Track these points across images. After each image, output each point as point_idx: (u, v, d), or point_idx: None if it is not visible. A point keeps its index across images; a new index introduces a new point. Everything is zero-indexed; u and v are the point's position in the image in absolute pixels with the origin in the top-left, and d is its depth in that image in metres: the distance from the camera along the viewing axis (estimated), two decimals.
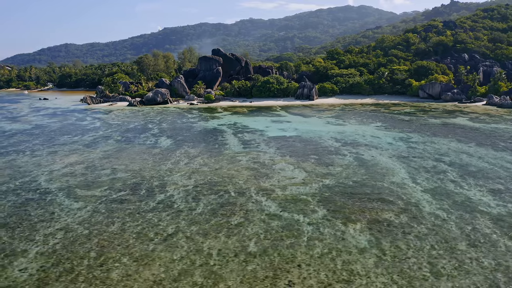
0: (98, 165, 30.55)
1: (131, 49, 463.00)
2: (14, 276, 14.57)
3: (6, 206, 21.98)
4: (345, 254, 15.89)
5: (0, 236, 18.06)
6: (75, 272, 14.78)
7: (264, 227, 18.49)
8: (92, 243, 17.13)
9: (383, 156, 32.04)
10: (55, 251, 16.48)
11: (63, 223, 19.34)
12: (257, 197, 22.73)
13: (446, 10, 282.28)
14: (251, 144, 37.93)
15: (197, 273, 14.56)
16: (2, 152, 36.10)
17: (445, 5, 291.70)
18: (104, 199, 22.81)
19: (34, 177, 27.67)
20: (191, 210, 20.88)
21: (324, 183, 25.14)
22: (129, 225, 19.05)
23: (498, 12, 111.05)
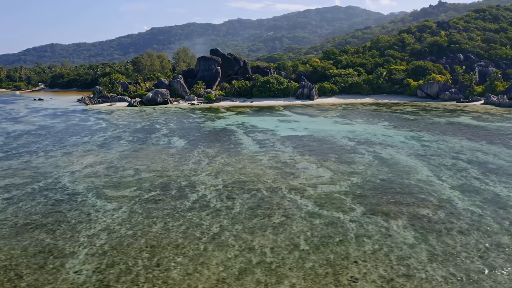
0: (119, 166, 30.27)
1: (118, 49, 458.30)
2: (71, 278, 14.40)
3: (38, 207, 21.65)
4: (397, 250, 16.15)
5: (43, 238, 17.80)
6: (133, 272, 14.68)
7: (308, 225, 18.63)
8: (140, 243, 17.02)
9: (401, 155, 32.52)
10: (105, 252, 16.33)
11: (103, 224, 19.16)
12: (291, 195, 22.87)
13: (434, 10, 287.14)
14: (266, 143, 38.04)
15: (258, 271, 14.62)
16: (15, 153, 35.46)
17: (433, 6, 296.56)
18: (137, 199, 22.65)
19: (57, 178, 27.28)
20: (229, 209, 20.89)
21: (352, 181, 25.42)
22: (172, 225, 18.98)
23: (490, 13, 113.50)
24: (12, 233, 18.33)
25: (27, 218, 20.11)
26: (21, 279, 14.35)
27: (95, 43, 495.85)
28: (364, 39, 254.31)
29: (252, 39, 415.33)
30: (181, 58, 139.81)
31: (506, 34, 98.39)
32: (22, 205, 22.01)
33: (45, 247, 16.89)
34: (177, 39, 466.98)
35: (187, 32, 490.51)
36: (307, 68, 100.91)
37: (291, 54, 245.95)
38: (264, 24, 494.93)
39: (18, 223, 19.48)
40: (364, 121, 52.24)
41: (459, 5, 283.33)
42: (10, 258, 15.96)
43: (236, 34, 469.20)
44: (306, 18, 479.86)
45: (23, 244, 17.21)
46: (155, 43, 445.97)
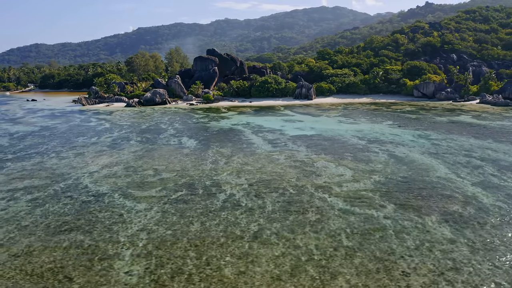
0: (136, 166, 30.05)
1: (104, 50, 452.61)
2: (124, 279, 14.32)
3: (66, 209, 21.39)
4: (438, 245, 16.51)
5: (81, 239, 17.62)
6: (185, 272, 14.68)
7: (345, 223, 18.88)
8: (184, 243, 17.01)
9: (414, 153, 33.09)
10: (149, 252, 16.27)
11: (139, 225, 19.05)
12: (319, 194, 23.10)
13: (421, 11, 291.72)
14: (278, 143, 38.22)
15: (309, 268, 14.78)
16: (24, 155, 34.84)
17: (420, 7, 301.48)
18: (166, 199, 22.57)
19: (76, 179, 26.94)
20: (262, 208, 21.00)
21: (375, 179, 25.80)
22: (209, 224, 18.99)
23: (480, 13, 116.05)
24: (48, 235, 18.09)
25: (58, 220, 19.85)
26: (72, 281, 14.21)
27: (80, 43, 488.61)
28: (353, 39, 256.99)
29: (240, 39, 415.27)
30: (174, 58, 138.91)
31: (496, 35, 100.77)
32: (49, 207, 21.71)
33: (86, 248, 16.73)
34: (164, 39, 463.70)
35: (174, 32, 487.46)
36: (302, 68, 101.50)
37: (280, 54, 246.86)
38: (251, 24, 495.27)
39: (51, 225, 19.23)
40: (367, 120, 52.89)
41: (445, 6, 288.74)
42: (54, 260, 15.76)
43: (223, 34, 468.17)
44: (294, 18, 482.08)
45: (63, 245, 17.01)
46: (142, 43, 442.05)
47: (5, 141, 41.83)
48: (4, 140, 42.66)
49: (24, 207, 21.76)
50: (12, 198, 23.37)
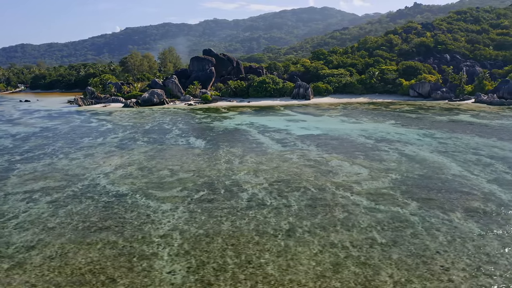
0: (151, 166, 29.90)
1: (91, 50, 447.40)
2: (168, 278, 14.30)
3: (90, 210, 21.20)
4: (469, 240, 16.90)
5: (114, 240, 17.51)
6: (228, 270, 14.74)
7: (374, 220, 19.15)
8: (219, 242, 17.04)
9: (424, 152, 33.65)
10: (187, 251, 16.27)
11: (169, 225, 19.01)
12: (340, 192, 23.36)
13: (410, 12, 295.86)
14: (286, 142, 38.43)
15: (350, 264, 14.98)
16: (32, 156, 34.33)
17: (408, 7, 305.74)
18: (189, 199, 22.54)
19: (92, 180, 26.70)
20: (288, 206, 21.15)
21: (392, 177, 26.18)
22: (239, 223, 19.06)
23: (470, 14, 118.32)
24: (78, 236, 17.92)
25: (85, 221, 19.68)
26: (115, 282, 14.14)
27: (67, 43, 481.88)
28: (343, 39, 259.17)
29: (229, 39, 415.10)
30: (167, 59, 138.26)
31: (488, 35, 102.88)
32: (72, 208, 21.49)
33: (121, 249, 16.63)
34: (152, 39, 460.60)
35: (162, 32, 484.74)
36: (298, 68, 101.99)
37: (270, 54, 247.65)
38: (240, 24, 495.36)
39: (78, 226, 19.05)
40: (370, 119, 53.50)
41: (433, 7, 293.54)
42: (92, 261, 15.65)
43: (212, 35, 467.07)
44: (282, 18, 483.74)
45: (97, 247, 16.88)
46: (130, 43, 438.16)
47: (8, 142, 41.14)
48: (6, 141, 41.95)
49: (46, 209, 21.50)
50: (30, 199, 23.06)
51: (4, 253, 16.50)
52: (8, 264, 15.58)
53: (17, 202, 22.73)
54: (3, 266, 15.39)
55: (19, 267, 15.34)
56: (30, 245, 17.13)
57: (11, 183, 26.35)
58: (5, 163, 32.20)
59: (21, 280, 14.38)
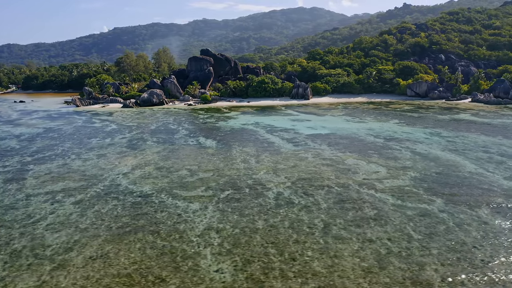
0: (168, 167, 29.82)
1: (79, 50, 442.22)
2: (218, 277, 14.36)
3: (119, 210, 21.09)
4: (502, 234, 17.33)
5: (152, 240, 17.48)
6: (276, 268, 14.86)
7: (405, 217, 19.48)
8: (258, 240, 17.15)
9: (435, 150, 34.23)
10: (229, 250, 16.35)
11: (203, 224, 19.04)
12: (364, 190, 23.67)
13: (400, 12, 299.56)
14: (297, 142, 38.67)
15: (394, 260, 15.25)
16: (43, 157, 33.89)
17: (398, 8, 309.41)
18: (216, 199, 22.59)
19: (112, 180, 26.53)
20: (317, 205, 21.36)
21: (411, 175, 26.62)
22: (273, 221, 19.20)
23: (463, 15, 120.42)
24: (114, 237, 17.85)
25: (117, 221, 19.59)
26: (165, 282, 14.14)
27: (54, 43, 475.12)
28: (334, 39, 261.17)
29: (218, 40, 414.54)
30: (162, 59, 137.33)
31: (480, 36, 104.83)
32: (100, 209, 21.35)
33: (162, 249, 16.62)
34: (141, 39, 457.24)
35: (151, 32, 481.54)
36: (295, 68, 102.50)
37: (261, 54, 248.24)
38: (229, 24, 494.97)
39: (111, 227, 18.96)
40: (373, 119, 54.11)
41: (423, 7, 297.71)
42: (136, 262, 15.61)
43: (202, 35, 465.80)
44: (272, 18, 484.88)
45: (136, 246, 16.85)
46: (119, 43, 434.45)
47: (14, 143, 40.53)
48: (12, 142, 41.32)
49: (73, 210, 21.31)
50: (54, 200, 22.83)
51: (42, 254, 16.35)
52: (50, 265, 15.45)
53: (41, 203, 22.49)
54: (46, 268, 15.27)
55: (62, 268, 15.23)
56: (67, 246, 17.00)
57: (29, 184, 26.04)
58: (17, 164, 31.75)
59: (68, 281, 14.29)
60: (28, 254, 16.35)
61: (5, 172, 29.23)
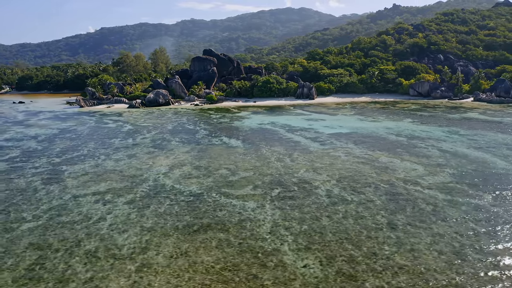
0: (205, 166, 29.85)
1: (66, 50, 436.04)
2: (309, 272, 14.54)
3: (176, 209, 21.09)
4: None
5: (226, 237, 17.59)
6: (361, 263, 15.13)
7: (462, 211, 20.01)
8: (330, 237, 17.41)
9: (461, 148, 35.05)
10: (307, 246, 16.52)
11: (268, 221, 19.20)
12: (410, 187, 24.16)
13: (389, 13, 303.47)
14: (322, 141, 39.08)
15: (471, 252, 15.71)
16: (71, 157, 33.51)
17: (388, 9, 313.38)
18: (269, 197, 22.77)
19: (155, 180, 26.45)
20: (371, 201, 21.75)
21: (448, 172, 27.25)
22: (336, 218, 19.50)
23: (457, 16, 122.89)
24: (186, 236, 17.88)
25: (181, 220, 19.58)
26: (259, 278, 14.29)
27: (40, 44, 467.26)
28: (325, 40, 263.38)
29: (207, 40, 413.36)
30: (159, 59, 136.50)
31: (476, 36, 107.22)
32: (157, 208, 21.32)
33: (239, 246, 16.73)
34: (129, 39, 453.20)
35: (139, 33, 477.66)
36: (296, 68, 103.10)
37: (253, 54, 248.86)
38: (218, 25, 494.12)
39: (178, 226, 18.99)
40: (386, 118, 54.95)
41: (412, 8, 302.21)
42: (219, 259, 15.67)
43: (190, 35, 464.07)
44: (261, 19, 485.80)
45: (211, 245, 16.92)
46: (106, 43, 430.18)
47: (34, 144, 39.95)
48: (31, 143, 40.70)
49: (129, 210, 21.23)
50: (105, 201, 22.70)
51: (120, 254, 16.31)
52: (133, 265, 15.44)
53: (92, 204, 22.34)
54: (130, 268, 15.26)
55: (147, 267, 15.23)
56: (142, 246, 16.99)
57: (71, 185, 25.80)
58: (48, 165, 31.36)
59: (160, 280, 14.33)
60: (105, 255, 16.28)
61: (39, 173, 28.87)
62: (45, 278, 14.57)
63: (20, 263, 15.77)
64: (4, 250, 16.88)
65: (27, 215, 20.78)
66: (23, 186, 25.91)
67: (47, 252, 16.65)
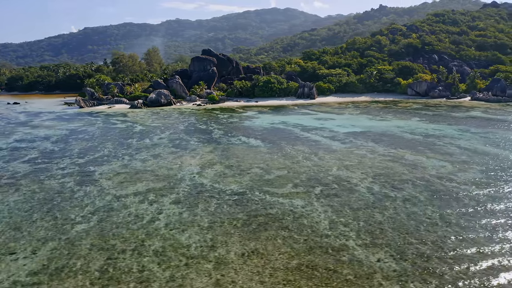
0: (235, 165, 29.92)
1: (48, 50, 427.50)
2: (385, 267, 14.89)
3: (225, 208, 21.16)
4: None
5: (288, 235, 17.78)
6: (433, 257, 15.57)
7: (505, 205, 20.72)
8: (391, 231, 17.81)
9: (479, 145, 36.04)
10: (373, 242, 16.85)
11: (323, 218, 19.48)
12: (447, 183, 24.80)
13: (376, 14, 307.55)
14: (341, 139, 39.59)
15: None
16: (94, 158, 33.06)
17: (374, 9, 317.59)
18: (313, 195, 23.03)
19: (192, 179, 26.40)
20: (415, 197, 22.25)
21: (477, 168, 28.05)
22: (388, 213, 19.91)
23: (448, 17, 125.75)
24: (249, 234, 17.96)
25: (236, 218, 19.61)
26: (339, 273, 14.54)
27: (22, 44, 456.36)
28: (312, 40, 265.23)
29: (193, 40, 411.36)
30: (153, 59, 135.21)
31: (468, 37, 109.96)
32: (206, 208, 21.32)
33: (305, 242, 16.93)
34: (113, 39, 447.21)
35: (123, 32, 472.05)
36: (293, 68, 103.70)
37: (241, 55, 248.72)
38: (203, 25, 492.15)
39: (236, 224, 19.06)
40: (393, 117, 55.92)
41: (398, 9, 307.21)
42: (291, 256, 15.84)
43: (175, 35, 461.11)
44: (246, 19, 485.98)
45: (279, 241, 17.09)
46: (90, 43, 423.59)
47: (49, 145, 39.22)
48: (46, 144, 39.93)
49: (179, 209, 21.16)
50: (150, 201, 22.56)
51: (190, 253, 16.32)
52: (210, 264, 15.46)
53: (138, 204, 22.20)
54: (207, 266, 15.29)
55: (224, 266, 15.27)
56: (208, 245, 17.00)
57: (107, 186, 25.54)
58: (73, 165, 30.90)
59: (243, 278, 14.42)
60: (175, 254, 16.25)
61: (69, 174, 28.46)
62: (123, 279, 14.50)
63: (90, 265, 15.64)
64: (68, 252, 16.70)
65: (74, 216, 20.54)
66: (57, 187, 25.52)
67: (113, 253, 16.54)
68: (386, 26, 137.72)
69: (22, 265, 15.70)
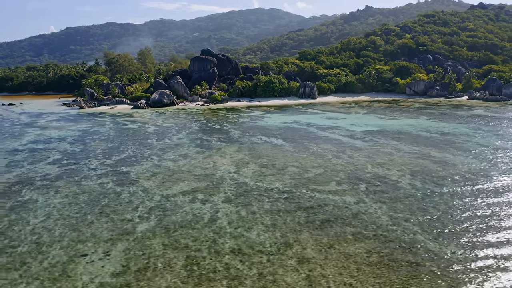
0: (270, 164, 30.16)
1: (30, 51, 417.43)
2: (456, 258, 15.47)
3: (280, 206, 21.35)
4: None
5: (353, 231, 18.15)
6: (494, 245, 16.24)
7: None
8: (451, 228, 18.41)
9: (497, 142, 37.25)
10: (443, 237, 17.46)
11: (381, 214, 19.92)
12: (485, 179, 25.65)
13: (363, 14, 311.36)
14: (361, 138, 40.23)
15: None
16: (121, 159, 32.72)
17: (361, 10, 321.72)
18: (360, 191, 23.48)
19: (233, 179, 26.49)
20: (460, 193, 22.96)
21: (508, 165, 29.06)
22: (443, 208, 20.50)
23: (438, 18, 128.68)
24: (317, 230, 18.23)
25: (298, 217, 19.85)
26: (422, 266, 14.98)
27: (2, 44, 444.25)
28: (300, 40, 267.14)
29: (178, 40, 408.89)
30: (147, 59, 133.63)
31: (459, 37, 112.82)
32: (261, 206, 21.46)
33: (375, 237, 17.36)
34: (96, 39, 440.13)
35: (106, 32, 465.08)
36: (290, 68, 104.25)
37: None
38: (187, 25, 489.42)
39: (299, 221, 19.29)
40: (401, 116, 57.03)
41: (384, 10, 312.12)
42: (368, 250, 16.22)
43: (159, 35, 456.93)
44: (231, 19, 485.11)
45: (348, 237, 17.42)
46: (72, 43, 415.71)
47: (67, 147, 38.56)
48: (64, 145, 39.25)
49: (234, 209, 21.24)
50: (201, 200, 22.55)
51: (268, 251, 16.50)
52: (292, 260, 15.69)
53: (190, 203, 22.19)
54: (291, 263, 15.51)
55: (308, 261, 15.54)
56: (281, 242, 17.23)
57: (150, 186, 25.39)
58: (103, 166, 30.55)
59: (333, 272, 14.71)
60: (253, 252, 16.40)
61: (103, 175, 28.15)
62: (213, 278, 14.58)
63: (172, 264, 15.66)
64: (142, 253, 16.64)
65: (131, 217, 20.42)
66: (98, 188, 25.24)
67: (189, 252, 16.57)
68: (379, 27, 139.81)
69: (101, 267, 15.59)
